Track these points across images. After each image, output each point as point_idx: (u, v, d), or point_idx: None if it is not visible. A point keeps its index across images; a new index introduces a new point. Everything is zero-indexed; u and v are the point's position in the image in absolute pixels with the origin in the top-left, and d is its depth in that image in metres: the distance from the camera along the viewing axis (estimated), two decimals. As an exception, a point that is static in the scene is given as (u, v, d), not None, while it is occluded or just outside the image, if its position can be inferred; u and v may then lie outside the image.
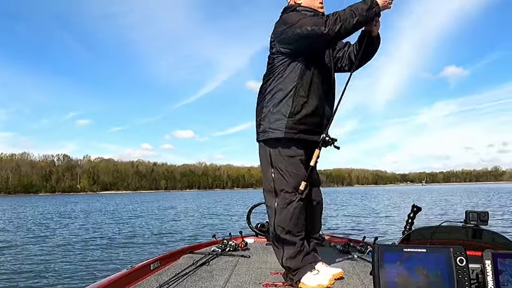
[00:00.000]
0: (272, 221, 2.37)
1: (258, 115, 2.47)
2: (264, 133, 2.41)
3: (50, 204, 45.85)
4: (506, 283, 1.50)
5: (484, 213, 1.79)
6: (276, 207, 2.36)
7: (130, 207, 33.90)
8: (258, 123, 2.46)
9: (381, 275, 1.58)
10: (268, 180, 2.41)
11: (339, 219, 15.02)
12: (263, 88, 2.49)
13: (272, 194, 2.38)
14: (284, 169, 2.36)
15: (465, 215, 1.81)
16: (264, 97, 2.46)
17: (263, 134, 2.41)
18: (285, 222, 2.33)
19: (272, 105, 2.40)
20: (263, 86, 2.49)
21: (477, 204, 25.32)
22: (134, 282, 2.43)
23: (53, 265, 7.82)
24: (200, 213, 21.49)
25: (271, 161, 2.40)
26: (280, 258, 2.38)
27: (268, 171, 2.41)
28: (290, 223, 2.33)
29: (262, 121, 2.42)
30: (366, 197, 44.13)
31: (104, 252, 9.34)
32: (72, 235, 13.00)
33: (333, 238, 3.96)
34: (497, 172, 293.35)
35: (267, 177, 2.42)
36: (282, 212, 2.34)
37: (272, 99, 2.41)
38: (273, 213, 2.36)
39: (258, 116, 2.48)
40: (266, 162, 2.42)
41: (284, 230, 2.34)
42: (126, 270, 2.52)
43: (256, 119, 2.49)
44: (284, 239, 2.34)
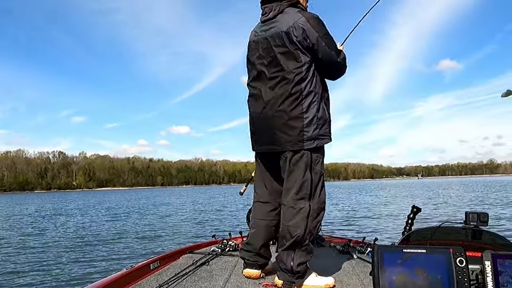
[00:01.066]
0: (303, 225, 2.25)
1: (296, 121, 2.27)
2: (313, 140, 2.28)
3: (46, 201, 45.70)
4: (506, 284, 1.50)
5: (484, 214, 1.79)
6: (311, 211, 2.28)
7: (127, 203, 33.86)
8: (300, 129, 2.26)
9: (381, 276, 1.58)
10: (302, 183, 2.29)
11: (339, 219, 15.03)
12: (295, 90, 2.28)
13: (305, 197, 2.28)
14: (320, 172, 2.34)
15: (465, 216, 1.81)
16: (301, 100, 2.27)
17: (311, 142, 2.28)
18: (316, 227, 2.30)
19: (315, 109, 2.30)
20: (295, 87, 2.28)
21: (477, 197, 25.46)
22: (134, 282, 2.42)
23: (52, 265, 7.79)
24: (199, 212, 21.46)
25: (310, 166, 2.30)
26: (290, 262, 2.24)
27: (304, 176, 2.29)
28: (318, 227, 2.33)
29: (306, 128, 2.27)
30: (362, 192, 44.19)
31: (104, 251, 9.31)
32: (70, 234, 12.96)
33: (332, 238, 3.96)
34: (492, 165, 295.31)
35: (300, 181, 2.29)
36: (316, 217, 2.30)
37: (312, 103, 2.29)
38: (305, 217, 2.26)
39: (294, 121, 2.28)
40: (303, 167, 2.30)
41: (313, 235, 2.30)
42: (126, 270, 2.51)
43: (291, 124, 2.28)
44: (307, 244, 2.28)
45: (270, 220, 2.51)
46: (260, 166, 2.57)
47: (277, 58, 2.32)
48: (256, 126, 2.47)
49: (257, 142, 2.50)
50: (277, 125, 2.31)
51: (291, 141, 2.28)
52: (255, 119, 2.46)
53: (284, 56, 2.29)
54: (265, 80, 2.38)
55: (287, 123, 2.28)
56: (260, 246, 2.50)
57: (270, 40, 2.35)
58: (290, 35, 2.26)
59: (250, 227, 2.61)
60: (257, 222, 2.54)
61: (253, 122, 2.50)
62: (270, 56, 2.35)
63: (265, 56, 2.38)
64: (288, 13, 2.32)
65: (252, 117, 2.49)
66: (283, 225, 2.31)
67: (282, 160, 2.36)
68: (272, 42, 2.34)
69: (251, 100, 2.50)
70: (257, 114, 2.43)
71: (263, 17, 2.46)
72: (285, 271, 2.26)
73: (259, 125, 2.44)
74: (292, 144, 2.28)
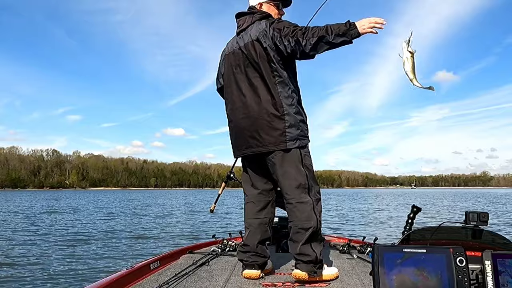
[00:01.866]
0: (314, 216, 2.37)
1: (278, 122, 2.38)
2: (295, 140, 2.40)
3: (41, 199, 45.31)
4: (506, 284, 1.50)
5: (484, 213, 1.79)
6: (313, 202, 2.41)
7: (123, 203, 33.67)
8: (283, 130, 2.37)
9: (381, 275, 1.58)
10: (300, 178, 2.40)
11: (338, 219, 15.05)
12: (274, 93, 2.39)
13: (305, 190, 2.41)
14: (310, 166, 2.47)
15: (465, 215, 1.81)
16: (281, 102, 2.38)
17: (293, 142, 2.39)
18: (321, 216, 2.44)
19: (294, 111, 2.42)
20: (273, 90, 2.39)
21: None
22: (134, 282, 2.42)
23: (51, 265, 7.65)
24: (197, 213, 21.42)
25: (301, 161, 2.43)
26: (313, 253, 2.35)
27: (298, 170, 2.41)
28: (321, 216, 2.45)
29: (289, 129, 2.38)
30: (355, 199, 44.25)
31: (103, 251, 9.21)
32: (69, 234, 12.78)
33: (333, 238, 3.97)
34: (485, 177, 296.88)
35: (297, 176, 2.40)
36: (318, 207, 2.43)
37: (291, 105, 2.42)
38: (312, 209, 2.38)
39: (277, 123, 2.38)
40: (295, 162, 2.41)
41: (321, 224, 2.43)
42: (126, 270, 2.49)
43: (274, 125, 2.38)
44: (321, 233, 2.45)
45: (262, 218, 2.60)
46: (247, 169, 2.67)
47: (253, 65, 2.44)
48: (238, 132, 2.55)
49: (240, 147, 2.57)
50: (259, 128, 2.41)
51: (274, 142, 2.38)
52: (237, 126, 2.55)
53: (260, 63, 2.41)
54: (244, 87, 2.49)
55: (270, 125, 2.38)
56: (257, 244, 2.55)
57: (244, 49, 2.48)
58: (260, 41, 2.40)
59: (245, 228, 2.67)
60: (250, 222, 2.62)
61: (235, 128, 2.58)
62: (246, 64, 2.47)
63: (241, 65, 2.50)
64: (259, 23, 2.47)
65: (234, 124, 2.58)
66: (294, 222, 2.40)
67: (272, 161, 2.44)
68: (246, 50, 2.47)
69: (231, 107, 2.59)
70: (238, 120, 2.52)
71: (237, 29, 2.62)
72: (308, 262, 2.35)
73: (241, 131, 2.52)
74: (275, 145, 2.38)
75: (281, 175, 2.43)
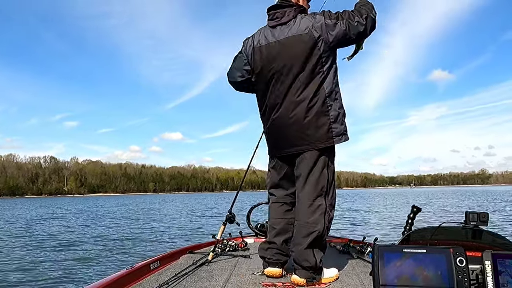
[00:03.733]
0: (322, 221, 2.32)
1: (323, 118, 2.32)
2: (341, 136, 2.36)
3: (39, 206, 45.17)
4: (506, 284, 1.50)
5: (484, 213, 1.79)
6: (327, 207, 2.36)
7: (122, 208, 33.60)
8: (328, 127, 2.32)
9: (381, 276, 1.57)
10: (322, 181, 2.36)
11: (338, 219, 15.06)
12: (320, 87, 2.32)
13: (322, 194, 2.36)
14: (333, 171, 2.42)
15: (465, 215, 1.81)
16: (324, 97, 2.32)
17: (339, 138, 2.35)
18: (330, 223, 2.39)
19: (338, 106, 2.37)
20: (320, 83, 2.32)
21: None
22: (134, 282, 2.41)
23: (50, 265, 7.72)
24: (197, 215, 21.41)
25: (327, 163, 2.38)
26: (313, 259, 2.31)
27: (323, 174, 2.37)
28: (331, 224, 2.41)
29: (334, 124, 2.33)
30: (355, 199, 44.27)
31: (103, 252, 9.24)
32: (69, 236, 12.83)
33: (333, 238, 3.96)
34: (484, 175, 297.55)
35: (320, 179, 2.36)
36: (330, 214, 2.38)
37: (335, 100, 2.36)
38: (323, 213, 2.34)
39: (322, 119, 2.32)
40: (323, 165, 2.37)
41: (328, 231, 2.39)
42: (126, 270, 2.49)
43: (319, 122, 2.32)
44: (325, 240, 2.40)
45: (289, 219, 2.57)
46: (278, 170, 2.59)
47: (297, 59, 2.31)
48: (279, 130, 2.45)
49: (282, 146, 2.48)
50: (305, 125, 2.32)
51: (320, 139, 2.32)
52: (278, 123, 2.44)
53: (305, 57, 2.30)
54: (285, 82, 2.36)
55: (316, 122, 2.31)
56: (282, 242, 2.55)
57: (286, 44, 2.34)
58: (312, 34, 2.28)
59: (270, 227, 2.64)
60: (277, 222, 2.59)
61: (275, 126, 2.47)
62: (287, 59, 2.34)
63: (281, 58, 2.36)
64: (304, 18, 2.35)
65: (274, 122, 2.46)
66: (300, 221, 2.36)
67: (300, 159, 2.39)
68: (289, 45, 2.33)
69: (270, 104, 2.46)
70: (280, 118, 2.41)
71: (273, 21, 2.44)
72: (307, 268, 2.31)
73: (283, 129, 2.42)
74: (322, 142, 2.32)
75: (305, 173, 2.37)
